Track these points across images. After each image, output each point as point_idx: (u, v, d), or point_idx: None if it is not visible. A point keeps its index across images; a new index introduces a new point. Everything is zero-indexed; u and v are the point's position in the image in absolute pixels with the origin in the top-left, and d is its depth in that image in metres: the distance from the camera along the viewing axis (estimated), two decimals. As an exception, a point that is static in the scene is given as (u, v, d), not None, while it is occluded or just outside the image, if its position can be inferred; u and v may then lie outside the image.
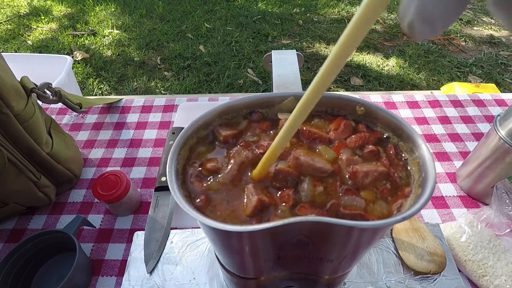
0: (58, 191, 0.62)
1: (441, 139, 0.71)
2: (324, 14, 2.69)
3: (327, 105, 0.34)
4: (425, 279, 0.45)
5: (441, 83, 1.96)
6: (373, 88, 1.97)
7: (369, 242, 0.28)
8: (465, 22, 2.51)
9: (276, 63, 0.54)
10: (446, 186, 0.62)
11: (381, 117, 0.32)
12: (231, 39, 2.38)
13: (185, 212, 0.24)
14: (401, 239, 0.49)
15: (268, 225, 0.23)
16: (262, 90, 1.98)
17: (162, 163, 0.62)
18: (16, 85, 0.51)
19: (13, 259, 0.48)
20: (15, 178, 0.52)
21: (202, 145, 0.32)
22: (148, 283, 0.47)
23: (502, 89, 1.89)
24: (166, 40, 2.40)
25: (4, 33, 2.52)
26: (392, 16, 2.63)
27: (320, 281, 0.36)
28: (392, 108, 0.78)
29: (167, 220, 0.55)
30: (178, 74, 2.12)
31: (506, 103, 0.79)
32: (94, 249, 0.56)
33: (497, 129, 0.52)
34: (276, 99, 0.34)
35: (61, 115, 0.81)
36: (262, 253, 0.29)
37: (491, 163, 0.54)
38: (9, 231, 0.59)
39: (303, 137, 0.32)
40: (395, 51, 2.25)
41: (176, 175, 0.28)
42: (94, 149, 0.72)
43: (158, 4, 2.81)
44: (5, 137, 0.49)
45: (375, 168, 0.29)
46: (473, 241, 0.49)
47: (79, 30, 2.53)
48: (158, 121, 0.78)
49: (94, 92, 1.99)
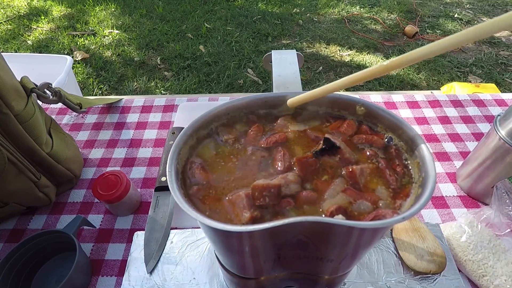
0: (58, 191, 0.62)
1: (441, 139, 0.71)
2: (324, 14, 2.69)
3: (327, 105, 0.34)
4: (425, 279, 0.45)
5: (441, 83, 1.96)
6: (373, 88, 1.97)
7: (369, 242, 0.28)
8: (465, 22, 2.51)
9: (276, 63, 0.54)
10: (446, 186, 0.62)
11: (381, 117, 0.32)
12: (231, 39, 2.38)
13: (185, 212, 0.24)
14: (401, 239, 0.49)
15: (268, 225, 0.23)
16: (262, 90, 1.98)
17: (162, 163, 0.62)
18: (16, 85, 0.51)
19: (13, 259, 0.48)
20: (15, 178, 0.52)
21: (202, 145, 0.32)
22: (148, 283, 0.47)
23: (502, 89, 1.89)
24: (166, 40, 2.40)
25: (4, 33, 2.52)
26: (392, 16, 2.63)
27: (320, 281, 0.36)
28: (392, 108, 0.78)
29: (167, 220, 0.55)
30: (178, 74, 2.12)
31: (506, 103, 0.79)
32: (94, 249, 0.56)
33: (497, 129, 0.52)
34: (276, 99, 0.34)
35: (61, 115, 0.81)
36: (262, 253, 0.29)
37: (491, 163, 0.54)
38: (9, 231, 0.59)
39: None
40: (395, 51, 2.25)
41: (176, 175, 0.28)
42: (94, 149, 0.72)
43: (158, 4, 2.81)
44: (5, 137, 0.49)
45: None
46: (473, 241, 0.49)
47: (79, 30, 2.53)
48: (158, 121, 0.78)
49: (94, 92, 1.99)
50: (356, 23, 2.57)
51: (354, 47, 2.30)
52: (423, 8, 2.71)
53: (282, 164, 0.30)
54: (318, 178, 0.29)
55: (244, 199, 0.27)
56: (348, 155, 0.30)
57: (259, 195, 0.27)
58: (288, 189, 0.27)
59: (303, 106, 0.34)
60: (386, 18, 2.62)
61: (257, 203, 0.27)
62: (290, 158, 0.30)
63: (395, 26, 2.50)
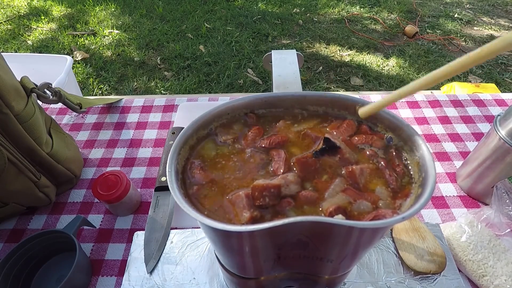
0: (58, 191, 0.62)
1: (441, 139, 0.71)
2: (324, 14, 2.69)
3: (327, 105, 0.34)
4: (425, 279, 0.45)
5: (441, 83, 1.96)
6: (373, 88, 1.97)
7: (369, 242, 0.28)
8: (465, 22, 2.51)
9: (276, 63, 0.54)
10: (446, 186, 0.62)
11: (381, 117, 0.32)
12: (231, 39, 2.38)
13: (185, 212, 0.24)
14: (401, 239, 0.49)
15: (268, 225, 0.23)
16: (262, 90, 1.98)
17: (162, 163, 0.62)
18: (16, 85, 0.51)
19: (13, 259, 0.48)
20: (15, 178, 0.52)
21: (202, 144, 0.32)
22: (148, 283, 0.47)
23: (502, 89, 1.89)
24: (166, 40, 2.40)
25: (4, 33, 2.52)
26: (392, 16, 2.63)
27: (320, 281, 0.36)
28: (392, 108, 0.78)
29: (167, 220, 0.55)
30: (178, 74, 2.12)
31: (506, 103, 0.79)
32: (94, 249, 0.56)
33: (497, 129, 0.52)
34: (277, 99, 0.34)
35: (61, 115, 0.81)
36: (262, 253, 0.29)
37: (491, 163, 0.54)
38: (9, 231, 0.59)
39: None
40: (395, 51, 2.25)
41: (176, 175, 0.28)
42: (94, 149, 0.72)
43: (158, 4, 2.81)
44: (5, 137, 0.49)
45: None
46: (473, 241, 0.49)
47: (79, 30, 2.53)
48: (158, 121, 0.78)
49: (94, 92, 1.99)
50: (356, 23, 2.57)
51: (354, 47, 2.30)
52: (423, 8, 2.71)
53: (281, 164, 0.30)
54: (318, 178, 0.29)
55: (244, 199, 0.27)
56: (348, 155, 0.30)
57: (259, 195, 0.27)
58: (288, 189, 0.27)
59: (304, 107, 0.34)
60: (386, 18, 2.62)
61: (257, 203, 0.27)
62: (290, 158, 0.30)
63: (395, 26, 2.50)
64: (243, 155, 0.31)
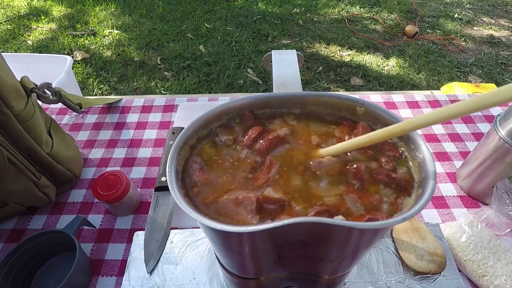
0: (58, 191, 0.62)
1: (441, 139, 0.71)
2: (324, 14, 2.69)
3: (327, 105, 0.34)
4: (425, 279, 0.45)
5: (441, 83, 1.96)
6: (373, 88, 1.97)
7: (369, 243, 0.28)
8: (465, 22, 2.51)
9: (276, 63, 0.54)
10: (446, 186, 0.62)
11: (381, 117, 0.32)
12: (231, 39, 2.38)
13: (185, 212, 0.24)
14: (401, 239, 0.49)
15: (268, 225, 0.23)
16: (262, 90, 1.98)
17: (162, 163, 0.62)
18: (16, 85, 0.51)
19: (13, 259, 0.48)
20: (15, 178, 0.52)
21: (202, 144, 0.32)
22: (148, 283, 0.47)
23: (502, 89, 1.89)
24: (166, 40, 2.40)
25: (4, 33, 2.52)
26: (392, 16, 2.63)
27: (320, 281, 0.36)
28: (392, 108, 0.78)
29: (167, 220, 0.55)
30: (178, 74, 2.12)
31: (506, 103, 0.78)
32: (94, 249, 0.56)
33: (497, 129, 0.52)
34: (277, 99, 0.34)
35: (61, 115, 0.81)
36: (262, 253, 0.29)
37: (491, 163, 0.54)
38: (9, 231, 0.59)
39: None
40: (395, 51, 2.25)
41: (176, 175, 0.28)
42: (94, 149, 0.72)
43: (158, 4, 2.81)
44: (5, 137, 0.49)
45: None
46: (473, 241, 0.49)
47: (79, 30, 2.53)
48: (158, 121, 0.78)
49: (94, 92, 1.99)
50: (356, 23, 2.57)
51: (354, 47, 2.30)
52: (423, 8, 2.71)
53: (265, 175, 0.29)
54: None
55: (254, 203, 0.27)
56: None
57: (266, 205, 0.27)
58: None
59: (304, 107, 0.34)
60: (386, 18, 2.62)
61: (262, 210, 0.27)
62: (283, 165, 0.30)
63: (395, 26, 2.50)
64: (243, 155, 0.31)
